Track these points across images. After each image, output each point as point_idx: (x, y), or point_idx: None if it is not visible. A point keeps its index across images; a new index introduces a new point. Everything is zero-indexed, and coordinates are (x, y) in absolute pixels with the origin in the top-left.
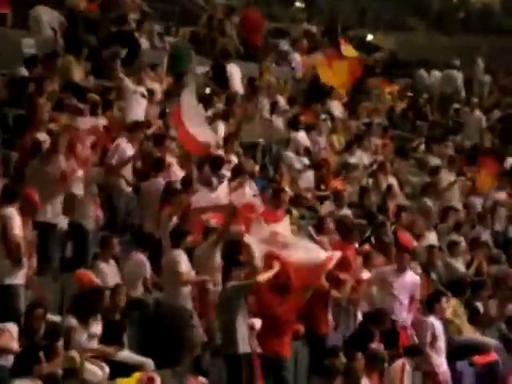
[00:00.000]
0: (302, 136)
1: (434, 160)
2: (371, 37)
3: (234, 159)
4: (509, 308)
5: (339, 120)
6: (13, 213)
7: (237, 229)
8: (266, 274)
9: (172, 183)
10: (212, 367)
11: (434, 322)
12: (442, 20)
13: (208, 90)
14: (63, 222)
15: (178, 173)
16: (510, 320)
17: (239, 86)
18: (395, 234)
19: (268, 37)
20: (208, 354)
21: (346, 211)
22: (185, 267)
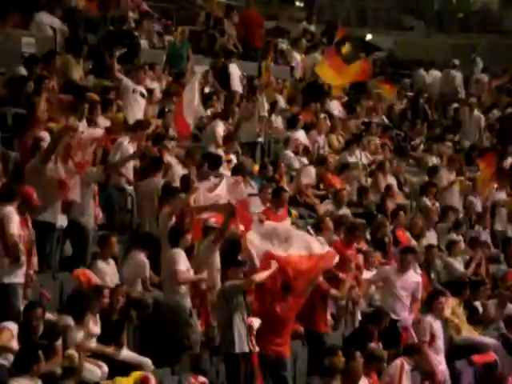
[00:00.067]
0: (301, 135)
1: (433, 159)
2: (370, 36)
3: (234, 158)
4: (508, 308)
5: (338, 119)
6: (11, 212)
7: (236, 228)
8: (262, 274)
9: (171, 183)
10: (211, 366)
11: (433, 321)
12: (441, 20)
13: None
14: (62, 220)
15: (179, 172)
16: (508, 319)
17: (238, 85)
18: (394, 234)
19: (267, 36)
20: (207, 353)
21: (346, 210)
22: (183, 266)
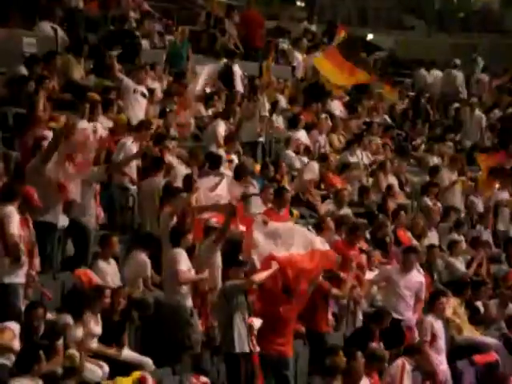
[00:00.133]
0: (302, 135)
1: (434, 159)
2: (371, 36)
3: (235, 158)
4: (509, 307)
5: (339, 119)
6: (12, 211)
7: (236, 228)
8: (262, 274)
9: (172, 182)
10: (212, 366)
11: (434, 321)
12: (442, 19)
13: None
14: (63, 220)
15: (181, 171)
16: (510, 319)
17: (240, 85)
18: (395, 234)
19: (268, 36)
20: (208, 353)
21: (347, 210)
22: (185, 266)
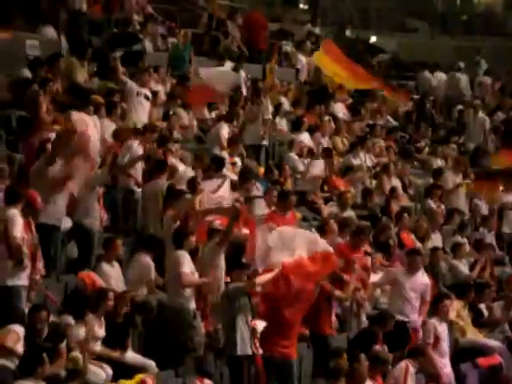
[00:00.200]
0: (305, 137)
1: (437, 162)
2: (375, 39)
3: (238, 161)
4: None
5: (343, 122)
6: (15, 214)
7: (239, 231)
8: (264, 276)
9: (175, 185)
10: (215, 369)
11: (437, 323)
12: (445, 22)
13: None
14: (66, 222)
15: (186, 174)
16: None
17: (243, 87)
18: (398, 236)
19: (271, 38)
20: (211, 356)
21: (350, 213)
22: (188, 268)
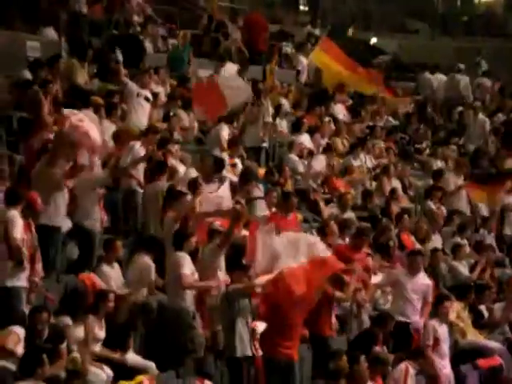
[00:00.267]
0: (305, 139)
1: (437, 163)
2: (375, 40)
3: (238, 162)
4: None
5: (343, 123)
6: (15, 215)
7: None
8: (262, 278)
9: (175, 186)
10: (215, 370)
11: (437, 325)
12: (445, 23)
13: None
14: (66, 223)
15: (185, 175)
16: None
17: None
18: (399, 238)
19: (271, 40)
20: (211, 357)
21: (350, 214)
22: (188, 270)
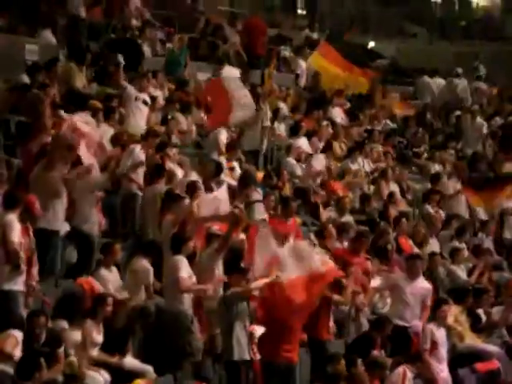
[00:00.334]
0: (303, 142)
1: (435, 167)
2: (373, 44)
3: (237, 166)
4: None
5: (341, 127)
6: (13, 220)
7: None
8: (260, 282)
9: (173, 190)
10: (213, 374)
11: (435, 329)
12: (443, 27)
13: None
14: (65, 227)
15: (190, 178)
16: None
17: None
18: (397, 241)
19: (270, 44)
20: (209, 361)
21: (348, 218)
22: (186, 273)
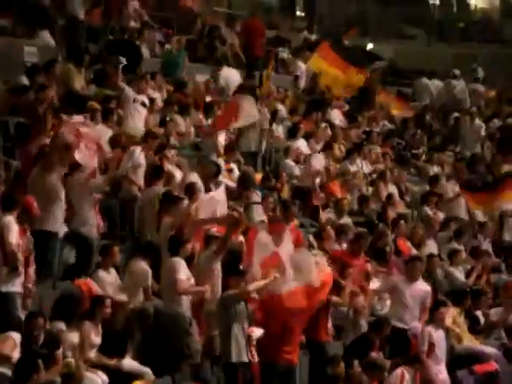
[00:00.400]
0: (301, 144)
1: (434, 169)
2: (371, 45)
3: (235, 167)
4: (510, 317)
5: (339, 128)
6: (11, 221)
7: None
8: (257, 284)
9: (171, 192)
10: (212, 375)
11: (433, 331)
12: (442, 29)
13: None
14: (64, 229)
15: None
16: (510, 329)
17: None
18: (395, 243)
19: (268, 45)
20: (208, 363)
21: (347, 219)
22: (184, 275)
